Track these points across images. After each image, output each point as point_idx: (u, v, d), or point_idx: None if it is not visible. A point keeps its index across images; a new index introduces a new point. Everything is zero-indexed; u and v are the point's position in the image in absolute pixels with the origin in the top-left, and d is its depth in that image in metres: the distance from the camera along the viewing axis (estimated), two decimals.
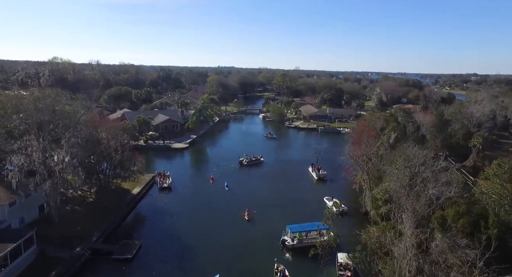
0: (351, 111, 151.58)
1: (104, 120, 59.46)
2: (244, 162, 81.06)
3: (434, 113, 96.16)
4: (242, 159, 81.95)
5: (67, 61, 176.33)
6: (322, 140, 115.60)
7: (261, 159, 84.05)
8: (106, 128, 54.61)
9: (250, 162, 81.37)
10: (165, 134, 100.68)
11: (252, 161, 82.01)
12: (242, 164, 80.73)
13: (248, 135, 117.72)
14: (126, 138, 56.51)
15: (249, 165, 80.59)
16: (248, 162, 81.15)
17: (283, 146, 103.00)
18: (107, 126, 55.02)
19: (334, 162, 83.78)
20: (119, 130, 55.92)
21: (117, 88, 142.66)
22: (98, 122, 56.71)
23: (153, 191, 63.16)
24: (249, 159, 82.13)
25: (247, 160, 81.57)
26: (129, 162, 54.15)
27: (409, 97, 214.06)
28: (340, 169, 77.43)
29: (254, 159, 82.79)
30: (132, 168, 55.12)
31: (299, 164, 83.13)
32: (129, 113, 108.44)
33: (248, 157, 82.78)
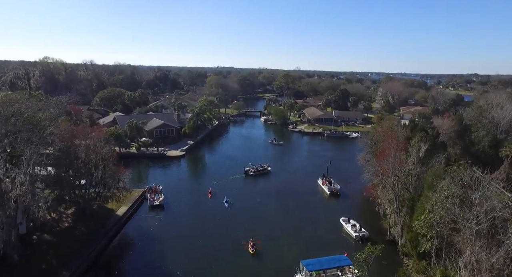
0: (358, 113, 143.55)
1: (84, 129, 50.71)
2: (250, 172, 73.14)
3: (453, 118, 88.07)
4: (247, 168, 73.99)
5: (59, 61, 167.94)
6: (329, 145, 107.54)
7: (268, 169, 76.14)
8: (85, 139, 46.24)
9: (256, 172, 73.47)
10: (160, 140, 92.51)
11: (258, 171, 74.08)
12: (248, 175, 72.84)
13: (250, 140, 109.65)
14: (109, 150, 48.05)
15: (256, 176, 72.66)
16: (254, 172, 73.25)
17: (288, 153, 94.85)
18: (87, 137, 46.58)
19: (346, 172, 76.14)
20: (101, 141, 47.44)
21: (109, 89, 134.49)
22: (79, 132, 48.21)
23: (143, 209, 54.91)
24: (255, 168, 74.21)
25: (253, 170, 73.63)
26: (113, 179, 45.92)
27: (415, 98, 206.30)
28: (354, 182, 69.64)
29: (260, 168, 74.87)
30: (116, 186, 46.96)
31: (307, 174, 75.10)
32: (121, 117, 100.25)
33: (254, 166, 74.86)
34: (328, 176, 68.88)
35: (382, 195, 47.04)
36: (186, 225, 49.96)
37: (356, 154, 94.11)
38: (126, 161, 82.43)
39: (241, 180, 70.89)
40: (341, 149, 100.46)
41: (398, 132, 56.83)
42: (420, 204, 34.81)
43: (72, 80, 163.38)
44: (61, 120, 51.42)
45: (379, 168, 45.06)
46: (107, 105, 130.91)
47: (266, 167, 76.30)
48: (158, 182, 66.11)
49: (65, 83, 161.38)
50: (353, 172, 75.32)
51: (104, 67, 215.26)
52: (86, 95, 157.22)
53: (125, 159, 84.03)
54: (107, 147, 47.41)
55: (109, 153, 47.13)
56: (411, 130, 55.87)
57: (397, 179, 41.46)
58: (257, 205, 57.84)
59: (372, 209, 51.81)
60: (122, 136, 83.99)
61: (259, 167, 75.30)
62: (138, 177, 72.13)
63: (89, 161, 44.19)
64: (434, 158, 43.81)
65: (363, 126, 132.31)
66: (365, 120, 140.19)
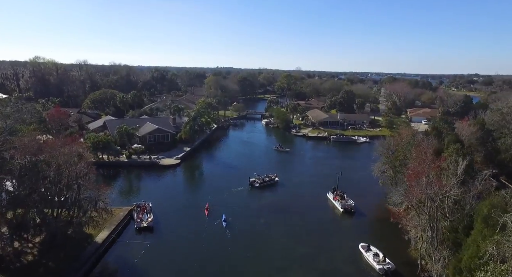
0: (365, 116, 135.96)
1: (54, 142, 42.97)
2: (255, 184, 65.77)
3: (473, 122, 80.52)
4: (253, 179, 66.69)
5: (51, 61, 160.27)
6: (336, 152, 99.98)
7: (276, 179, 68.74)
8: (56, 153, 38.50)
9: (263, 184, 66.10)
10: (153, 147, 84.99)
11: (265, 182, 66.69)
12: (253, 186, 65.50)
13: (252, 146, 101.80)
14: (86, 166, 40.38)
15: (262, 188, 65.34)
16: (260, 184, 65.86)
17: (294, 161, 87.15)
18: (58, 150, 38.84)
19: (358, 184, 68.53)
20: (75, 155, 39.83)
21: (101, 91, 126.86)
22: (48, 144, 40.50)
23: (128, 233, 47.25)
24: (261, 179, 66.83)
25: (259, 181, 66.24)
26: (89, 201, 38.33)
27: (422, 100, 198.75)
28: (368, 195, 62.20)
29: (267, 179, 67.49)
30: (94, 208, 39.40)
31: (315, 186, 67.54)
32: (112, 122, 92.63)
33: (260, 177, 67.47)
34: (340, 189, 61.42)
35: (411, 220, 39.43)
36: (178, 253, 42.41)
37: (367, 162, 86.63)
38: (115, 171, 75.57)
39: (246, 193, 63.44)
40: (350, 156, 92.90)
41: (421, 141, 49.35)
42: (472, 241, 27.27)
43: (63, 81, 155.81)
44: (29, 130, 43.69)
45: (410, 189, 37.33)
46: (99, 108, 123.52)
47: (273, 177, 68.90)
48: (149, 196, 58.68)
49: (57, 84, 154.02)
50: (366, 183, 68.05)
51: (98, 68, 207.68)
52: (79, 97, 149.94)
53: (114, 168, 76.94)
54: (82, 162, 39.54)
55: (85, 170, 39.35)
56: (440, 139, 48.22)
57: (433, 203, 33.87)
58: (260, 226, 50.26)
59: (395, 232, 44.36)
60: (111, 143, 76.45)
61: (266, 177, 68.00)
62: (127, 190, 64.61)
63: (60, 180, 36.56)
64: (477, 176, 36.26)
65: (371, 130, 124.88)
66: (372, 123, 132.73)
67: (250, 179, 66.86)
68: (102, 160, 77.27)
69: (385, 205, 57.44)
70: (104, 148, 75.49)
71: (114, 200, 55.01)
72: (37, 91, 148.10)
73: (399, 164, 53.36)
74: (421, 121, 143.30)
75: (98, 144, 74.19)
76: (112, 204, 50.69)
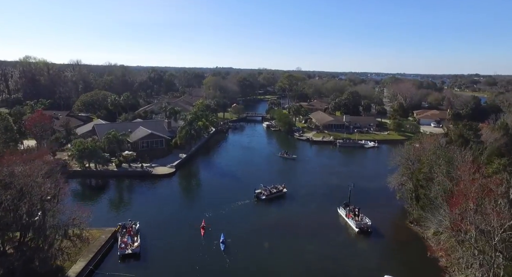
0: (371, 119, 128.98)
1: (10, 158, 35.66)
2: (262, 196, 59.20)
3: (495, 127, 73.77)
4: (259, 191, 60.19)
5: (42, 61, 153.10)
6: (344, 158, 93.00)
7: (284, 190, 62.05)
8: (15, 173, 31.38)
9: (270, 196, 59.53)
10: (146, 154, 78.00)
11: (272, 193, 60.12)
12: (259, 199, 58.91)
13: (254, 152, 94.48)
14: (53, 187, 33.35)
15: (268, 200, 58.78)
16: (267, 196, 59.27)
17: (300, 169, 79.91)
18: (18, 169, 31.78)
19: (372, 196, 61.51)
20: (41, 174, 32.77)
21: (93, 92, 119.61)
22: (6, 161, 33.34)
23: (109, 262, 40.13)
24: (268, 191, 60.26)
25: (266, 193, 59.65)
26: (56, 231, 31.34)
27: (428, 101, 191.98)
28: (385, 211, 55.31)
29: (274, 190, 60.93)
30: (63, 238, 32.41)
31: (324, 199, 60.69)
32: (101, 126, 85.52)
33: (266, 188, 60.93)
34: (352, 204, 54.52)
35: (454, 254, 32.51)
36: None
37: (378, 170, 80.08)
38: (103, 181, 68.43)
39: (250, 207, 56.69)
40: (359, 163, 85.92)
41: (452, 153, 42.45)
42: None
43: (55, 81, 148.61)
44: None
45: (453, 217, 30.38)
46: (90, 110, 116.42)
47: (281, 188, 62.19)
48: (138, 213, 51.99)
49: (48, 85, 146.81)
50: (381, 196, 61.13)
51: (92, 68, 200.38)
52: (71, 98, 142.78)
53: (102, 178, 69.91)
54: (48, 183, 32.48)
55: (53, 191, 32.33)
56: (473, 150, 41.36)
57: (489, 238, 26.90)
58: (265, 251, 43.29)
59: (424, 261, 37.51)
60: (98, 151, 69.43)
61: (273, 188, 61.38)
62: (112, 205, 57.55)
63: (20, 206, 29.59)
64: None
65: (378, 133, 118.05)
66: (379, 126, 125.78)
67: (256, 191, 60.23)
68: (89, 169, 70.30)
69: (406, 223, 50.81)
70: (91, 156, 68.51)
71: (97, 219, 48.11)
72: (27, 92, 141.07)
73: (424, 178, 46.56)
74: (430, 123, 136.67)
75: (83, 151, 67.19)
76: (93, 224, 43.86)
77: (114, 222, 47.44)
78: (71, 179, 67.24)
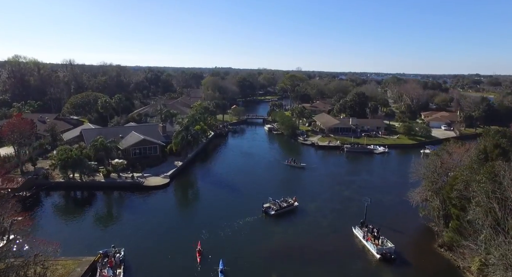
0: (379, 122, 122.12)
1: None
2: (270, 211, 52.75)
3: None
4: (267, 205, 53.81)
5: (32, 61, 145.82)
6: (353, 165, 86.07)
7: (295, 204, 55.57)
8: None
9: (279, 210, 53.08)
10: (138, 162, 71.13)
11: (282, 208, 53.64)
12: (268, 214, 52.46)
13: (256, 159, 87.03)
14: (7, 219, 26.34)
15: (278, 216, 52.29)
16: (277, 211, 52.83)
17: (307, 179, 72.95)
18: None
19: (391, 213, 54.61)
20: None
21: (84, 94, 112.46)
22: None
23: None
24: (277, 205, 53.79)
25: (275, 208, 53.19)
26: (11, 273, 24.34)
27: (435, 101, 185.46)
28: (407, 231, 48.52)
29: (285, 205, 54.45)
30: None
31: (338, 215, 53.89)
32: (89, 131, 78.49)
33: (276, 201, 54.42)
34: (370, 223, 47.75)
35: None
36: None
37: (392, 179, 73.42)
38: (88, 194, 61.28)
39: (256, 225, 49.90)
40: (370, 172, 78.98)
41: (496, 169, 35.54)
42: None
43: (45, 82, 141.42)
44: None
45: None
46: (81, 113, 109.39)
47: (292, 202, 55.60)
48: (124, 236, 45.22)
49: (38, 86, 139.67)
50: (400, 212, 54.43)
51: (86, 68, 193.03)
52: (62, 100, 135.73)
53: (88, 190, 63.00)
54: None
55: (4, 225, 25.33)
56: None
57: None
58: None
59: None
60: (83, 160, 62.48)
61: (283, 202, 54.93)
62: (96, 224, 50.43)
63: None
64: None
65: (387, 137, 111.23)
66: (387, 129, 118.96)
67: (264, 205, 53.71)
68: (73, 180, 63.32)
69: (435, 248, 43.94)
70: (75, 166, 61.55)
71: (75, 244, 41.51)
72: (16, 94, 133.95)
73: (457, 196, 39.69)
74: (440, 126, 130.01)
75: (67, 161, 60.23)
76: (68, 252, 37.39)
77: (94, 248, 40.44)
78: (54, 191, 60.83)
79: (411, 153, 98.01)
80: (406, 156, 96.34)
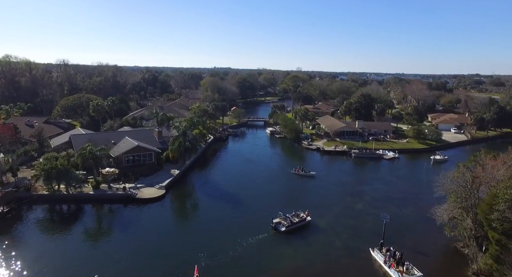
0: (387, 125, 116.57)
1: None
2: (281, 227, 47.40)
3: None
4: (277, 220, 48.52)
5: (24, 60, 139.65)
6: (363, 172, 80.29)
7: (308, 219, 50.21)
8: None
9: (291, 226, 47.71)
10: (132, 171, 65.42)
11: (294, 224, 48.28)
12: (278, 231, 47.12)
13: (260, 166, 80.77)
14: None
15: (289, 232, 46.94)
16: (288, 227, 47.47)
17: (314, 188, 67.13)
18: None
19: (409, 230, 48.93)
20: None
21: (75, 96, 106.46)
22: None
23: None
24: (288, 220, 48.51)
25: (286, 224, 47.88)
26: None
27: (441, 103, 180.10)
28: (433, 255, 42.83)
29: (296, 220, 49.09)
30: None
31: (352, 233, 48.20)
32: (79, 137, 72.57)
33: (287, 216, 49.21)
34: (391, 246, 42.09)
35: None
36: None
37: (407, 188, 67.74)
38: (75, 209, 54.44)
39: (265, 243, 44.52)
40: (382, 180, 73.17)
41: None
42: None
43: (37, 83, 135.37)
44: None
45: None
46: (72, 116, 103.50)
47: (305, 217, 50.21)
48: (110, 261, 39.39)
49: (29, 87, 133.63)
50: (422, 229, 48.97)
51: (80, 68, 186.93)
52: (54, 102, 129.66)
53: (75, 203, 56.99)
54: None
55: None
56: None
57: None
58: None
59: None
60: (70, 170, 56.65)
61: (294, 217, 49.62)
62: (79, 248, 44.33)
63: None
64: None
65: (396, 141, 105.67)
66: (395, 133, 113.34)
67: (274, 220, 48.26)
68: (59, 193, 57.34)
69: (468, 275, 38.27)
70: (61, 177, 55.70)
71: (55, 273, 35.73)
72: (5, 96, 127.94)
73: (498, 218, 34.04)
74: (450, 129, 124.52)
75: (51, 171, 54.39)
76: None
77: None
78: (37, 205, 54.97)
79: (422, 158, 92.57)
80: (417, 162, 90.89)
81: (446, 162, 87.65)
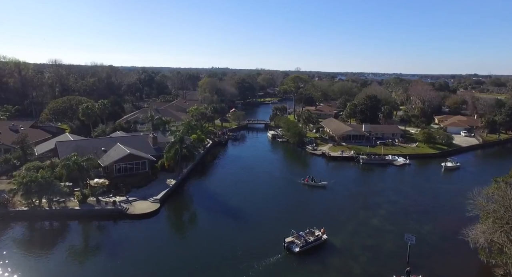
0: (395, 128, 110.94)
1: None
2: (294, 248, 41.75)
3: None
4: (290, 240, 43.00)
5: (13, 60, 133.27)
6: (374, 181, 74.43)
7: (324, 238, 44.56)
8: None
9: (305, 246, 42.06)
10: (123, 182, 59.42)
11: (308, 243, 42.59)
12: (291, 252, 41.53)
13: (263, 174, 74.38)
14: None
15: (304, 253, 41.38)
16: (302, 247, 41.79)
17: (324, 201, 61.32)
18: None
19: (436, 253, 43.26)
20: None
21: (65, 98, 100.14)
22: None
23: None
24: (302, 239, 42.87)
25: (300, 243, 42.28)
26: None
27: (447, 104, 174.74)
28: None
29: (311, 239, 43.49)
30: None
31: (372, 256, 42.37)
32: (65, 144, 66.32)
33: (300, 235, 43.56)
34: (420, 275, 36.45)
35: None
36: None
37: (425, 200, 61.86)
38: (58, 227, 48.30)
39: (276, 267, 39.03)
40: (396, 190, 67.38)
41: None
42: None
43: (27, 84, 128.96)
44: None
45: None
46: (61, 120, 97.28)
47: (320, 235, 44.68)
48: None
49: (18, 89, 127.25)
50: (452, 253, 42.84)
51: (74, 68, 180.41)
52: (44, 104, 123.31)
53: (58, 220, 51.01)
54: None
55: None
56: None
57: None
58: None
59: None
60: (53, 183, 50.60)
61: (309, 235, 44.12)
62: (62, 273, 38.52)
63: None
64: None
65: (405, 146, 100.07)
66: (403, 137, 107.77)
67: (286, 240, 42.73)
68: (40, 208, 51.24)
69: None
70: (41, 191, 49.68)
71: None
72: None
73: None
74: (459, 132, 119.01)
75: (30, 185, 48.36)
76: None
77: None
78: (14, 223, 48.94)
79: (434, 164, 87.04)
80: (429, 169, 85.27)
81: (459, 169, 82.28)
